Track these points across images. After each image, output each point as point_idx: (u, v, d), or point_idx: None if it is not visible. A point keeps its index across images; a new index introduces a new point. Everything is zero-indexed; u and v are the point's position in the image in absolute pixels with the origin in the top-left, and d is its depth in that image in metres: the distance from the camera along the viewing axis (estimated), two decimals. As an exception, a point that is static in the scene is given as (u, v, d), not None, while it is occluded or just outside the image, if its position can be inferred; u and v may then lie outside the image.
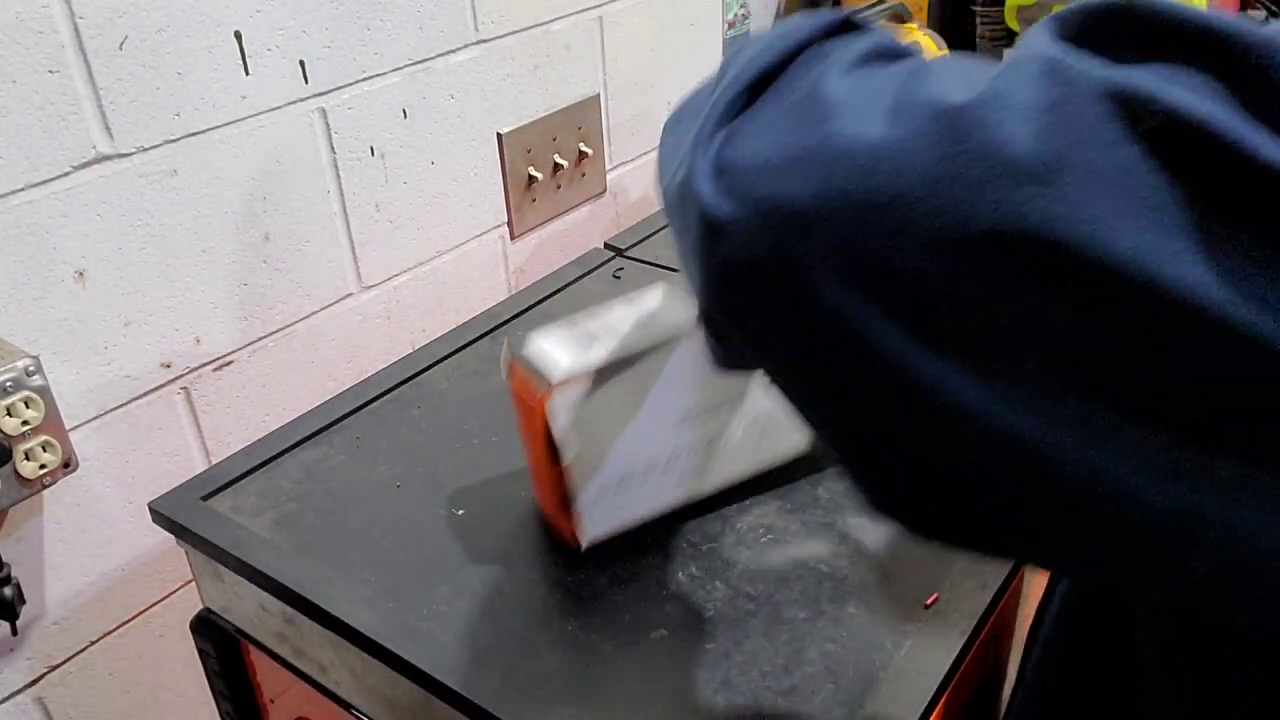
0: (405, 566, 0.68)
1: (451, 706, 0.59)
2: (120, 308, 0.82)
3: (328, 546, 0.70)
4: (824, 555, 0.68)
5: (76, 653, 0.87)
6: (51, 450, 0.75)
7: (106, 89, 0.77)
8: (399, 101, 0.99)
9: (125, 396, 0.85)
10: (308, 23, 0.89)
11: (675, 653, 0.60)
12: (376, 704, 0.68)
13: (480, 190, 1.11)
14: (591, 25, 1.19)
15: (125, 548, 0.88)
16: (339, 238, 0.98)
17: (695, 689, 0.58)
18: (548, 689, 0.58)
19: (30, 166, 0.74)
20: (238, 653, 0.80)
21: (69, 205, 0.77)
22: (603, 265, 1.09)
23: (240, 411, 0.94)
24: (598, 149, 1.24)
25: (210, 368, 0.90)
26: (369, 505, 0.74)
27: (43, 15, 0.72)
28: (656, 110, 1.35)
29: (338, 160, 0.95)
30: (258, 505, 0.75)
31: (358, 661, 0.66)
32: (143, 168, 0.81)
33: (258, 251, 0.91)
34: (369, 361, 1.01)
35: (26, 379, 0.73)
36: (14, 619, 0.78)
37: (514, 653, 0.61)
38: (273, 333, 0.95)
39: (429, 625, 0.63)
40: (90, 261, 0.80)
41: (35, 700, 0.85)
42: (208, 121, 0.84)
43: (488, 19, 1.05)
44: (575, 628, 0.62)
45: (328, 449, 0.81)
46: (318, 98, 0.92)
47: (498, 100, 1.10)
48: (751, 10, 1.48)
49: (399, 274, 1.05)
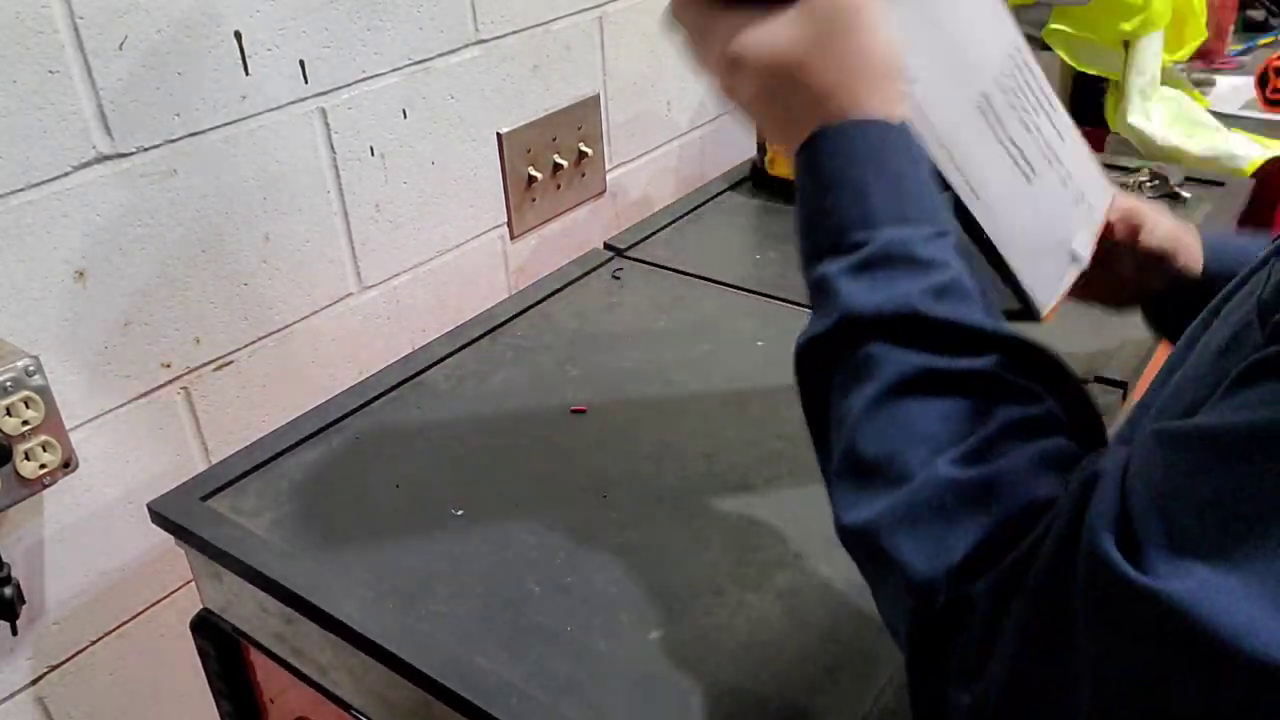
0: (405, 566, 0.68)
1: (451, 707, 0.59)
2: (120, 308, 0.82)
3: (328, 547, 0.70)
4: (823, 554, 0.68)
5: (76, 653, 0.87)
6: (51, 450, 0.75)
7: (106, 89, 0.77)
8: (399, 101, 0.99)
9: (125, 396, 0.85)
10: (308, 23, 0.89)
11: (675, 653, 0.60)
12: (376, 704, 0.68)
13: (480, 190, 1.11)
14: (591, 25, 1.19)
15: (125, 548, 0.88)
16: (339, 238, 0.98)
17: (695, 689, 0.58)
18: (548, 689, 0.58)
19: (30, 166, 0.74)
20: (238, 653, 0.80)
21: (69, 205, 0.77)
22: (602, 265, 1.09)
23: (240, 411, 0.94)
24: (597, 149, 1.24)
25: (210, 368, 0.90)
26: (369, 505, 0.74)
27: (43, 15, 0.72)
28: (656, 110, 1.35)
29: (338, 160, 0.95)
30: (258, 505, 0.75)
31: (357, 662, 0.66)
32: (143, 168, 0.81)
33: (258, 251, 0.91)
34: (369, 361, 1.01)
35: (26, 379, 0.73)
36: (14, 619, 0.78)
37: (513, 653, 0.61)
38: (273, 333, 0.95)
39: (429, 625, 0.63)
40: (90, 261, 0.80)
41: (35, 700, 0.85)
42: (208, 121, 0.84)
43: (488, 19, 1.05)
44: (575, 628, 0.62)
45: (328, 449, 0.81)
46: (318, 98, 0.92)
47: (498, 100, 1.10)
48: (752, 10, 1.48)
49: (399, 274, 1.05)
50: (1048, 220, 0.65)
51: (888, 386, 0.44)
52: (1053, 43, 1.40)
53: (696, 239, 1.14)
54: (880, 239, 0.47)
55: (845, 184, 0.48)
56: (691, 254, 1.10)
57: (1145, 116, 1.38)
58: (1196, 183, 1.16)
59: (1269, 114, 1.45)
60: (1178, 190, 1.12)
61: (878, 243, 0.47)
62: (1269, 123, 1.42)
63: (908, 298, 0.45)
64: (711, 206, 1.22)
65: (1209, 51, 1.60)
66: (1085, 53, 1.39)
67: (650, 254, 1.11)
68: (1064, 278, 0.67)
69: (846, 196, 0.48)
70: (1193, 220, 1.09)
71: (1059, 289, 0.66)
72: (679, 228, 1.17)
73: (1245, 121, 1.43)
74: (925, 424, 0.44)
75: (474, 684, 0.58)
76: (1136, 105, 1.38)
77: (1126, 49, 1.36)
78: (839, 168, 0.48)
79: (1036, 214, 0.65)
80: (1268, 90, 1.45)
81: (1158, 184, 1.12)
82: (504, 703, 0.57)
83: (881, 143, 0.48)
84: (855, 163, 0.48)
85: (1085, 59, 1.39)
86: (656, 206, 1.29)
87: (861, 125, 0.48)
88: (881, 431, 0.44)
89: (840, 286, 0.46)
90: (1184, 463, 0.35)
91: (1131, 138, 1.38)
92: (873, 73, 0.49)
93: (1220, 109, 1.47)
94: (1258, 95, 1.46)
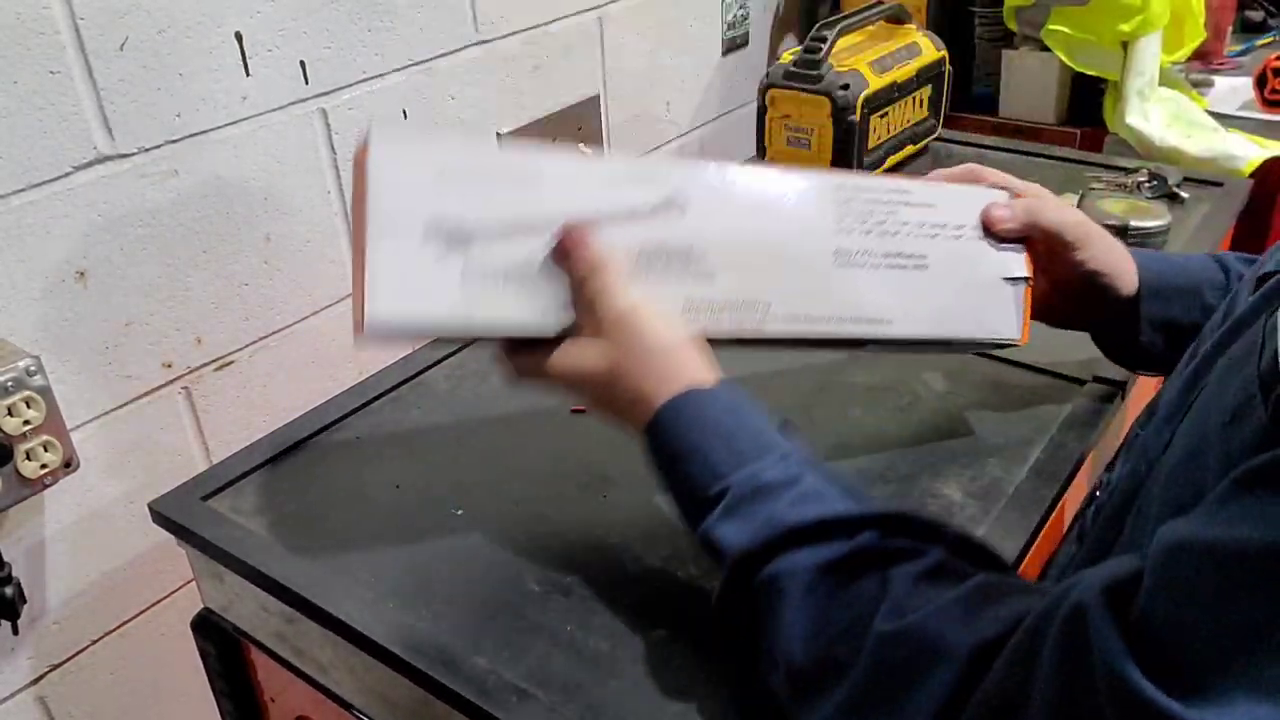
0: (405, 566, 0.68)
1: (451, 706, 0.59)
2: (121, 308, 0.83)
3: (328, 546, 0.70)
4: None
5: (77, 652, 0.87)
6: (52, 450, 0.75)
7: (107, 89, 0.77)
8: (399, 102, 0.99)
9: (126, 396, 0.85)
10: (308, 23, 0.89)
11: (675, 653, 0.60)
12: (376, 704, 0.69)
13: (480, 190, 1.12)
14: (591, 25, 1.19)
15: (125, 548, 0.88)
16: (339, 238, 0.98)
17: (695, 689, 0.58)
18: (548, 689, 0.58)
19: (31, 166, 0.74)
20: (238, 652, 0.80)
21: (69, 205, 0.77)
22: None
23: (240, 411, 0.94)
24: (597, 149, 1.25)
25: (211, 368, 0.91)
26: (369, 505, 0.74)
27: (43, 16, 0.72)
28: (656, 110, 1.35)
29: (338, 160, 0.95)
30: (258, 505, 0.75)
31: (358, 661, 0.66)
32: (143, 168, 0.81)
33: (258, 251, 0.91)
34: (369, 361, 1.01)
35: (27, 379, 0.73)
36: (14, 618, 0.79)
37: (514, 653, 0.61)
38: (273, 333, 0.95)
39: (429, 625, 0.63)
40: (91, 261, 0.80)
41: (36, 699, 0.85)
42: (208, 122, 0.84)
43: (488, 20, 1.06)
44: (575, 628, 0.62)
45: (328, 449, 0.82)
46: (318, 98, 0.92)
47: (498, 100, 1.10)
48: (751, 11, 1.48)
49: (399, 274, 1.05)
50: (967, 278, 0.69)
51: (798, 597, 0.49)
52: (1051, 43, 1.40)
53: (696, 239, 1.14)
54: (733, 484, 0.53)
55: (687, 454, 0.55)
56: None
57: (1143, 117, 1.38)
58: (1195, 183, 1.16)
59: (1267, 114, 1.45)
60: (1176, 190, 1.12)
61: (733, 489, 0.53)
62: (1267, 123, 1.43)
63: (777, 518, 0.51)
64: (711, 207, 1.22)
65: (1207, 52, 1.60)
66: (1084, 53, 1.39)
67: (650, 254, 1.11)
68: (1018, 301, 0.70)
69: (695, 464, 0.54)
70: (1191, 221, 1.09)
71: (1019, 313, 0.69)
72: (678, 228, 1.17)
73: (1243, 122, 1.43)
74: (840, 614, 0.48)
75: (474, 684, 0.58)
76: (1135, 106, 1.38)
77: (1125, 50, 1.36)
78: (677, 443, 0.55)
79: (951, 283, 0.68)
80: (1266, 91, 1.45)
81: (1156, 184, 1.13)
82: (504, 703, 0.57)
83: (701, 409, 0.55)
84: (689, 433, 0.55)
85: (1084, 59, 1.39)
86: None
87: (678, 402, 0.56)
88: (808, 638, 0.48)
89: (719, 536, 0.53)
90: (1209, 585, 0.35)
91: (1130, 138, 1.38)
92: (669, 357, 0.57)
93: (1218, 109, 1.47)
94: (1256, 96, 1.47)
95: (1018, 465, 0.73)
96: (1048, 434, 0.76)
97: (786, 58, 1.16)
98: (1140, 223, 0.98)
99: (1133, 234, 0.98)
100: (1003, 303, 0.69)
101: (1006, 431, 0.77)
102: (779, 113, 1.16)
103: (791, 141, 1.16)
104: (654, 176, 0.62)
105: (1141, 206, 1.01)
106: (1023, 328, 0.70)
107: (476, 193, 0.58)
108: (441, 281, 0.57)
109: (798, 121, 1.15)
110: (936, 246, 0.68)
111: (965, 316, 0.69)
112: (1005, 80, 1.50)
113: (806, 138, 1.15)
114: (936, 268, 0.68)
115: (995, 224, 0.68)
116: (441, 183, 0.57)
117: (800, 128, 1.15)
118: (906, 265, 0.67)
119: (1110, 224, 0.98)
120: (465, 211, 0.57)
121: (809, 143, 1.15)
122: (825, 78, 1.12)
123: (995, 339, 0.70)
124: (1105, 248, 0.71)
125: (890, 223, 0.67)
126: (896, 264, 0.66)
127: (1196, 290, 0.72)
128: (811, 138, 1.14)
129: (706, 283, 0.62)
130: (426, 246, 0.57)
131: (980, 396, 0.82)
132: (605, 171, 0.62)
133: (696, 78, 1.41)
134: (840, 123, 1.12)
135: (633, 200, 0.61)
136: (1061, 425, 0.77)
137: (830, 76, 1.12)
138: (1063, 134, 1.47)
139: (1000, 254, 0.69)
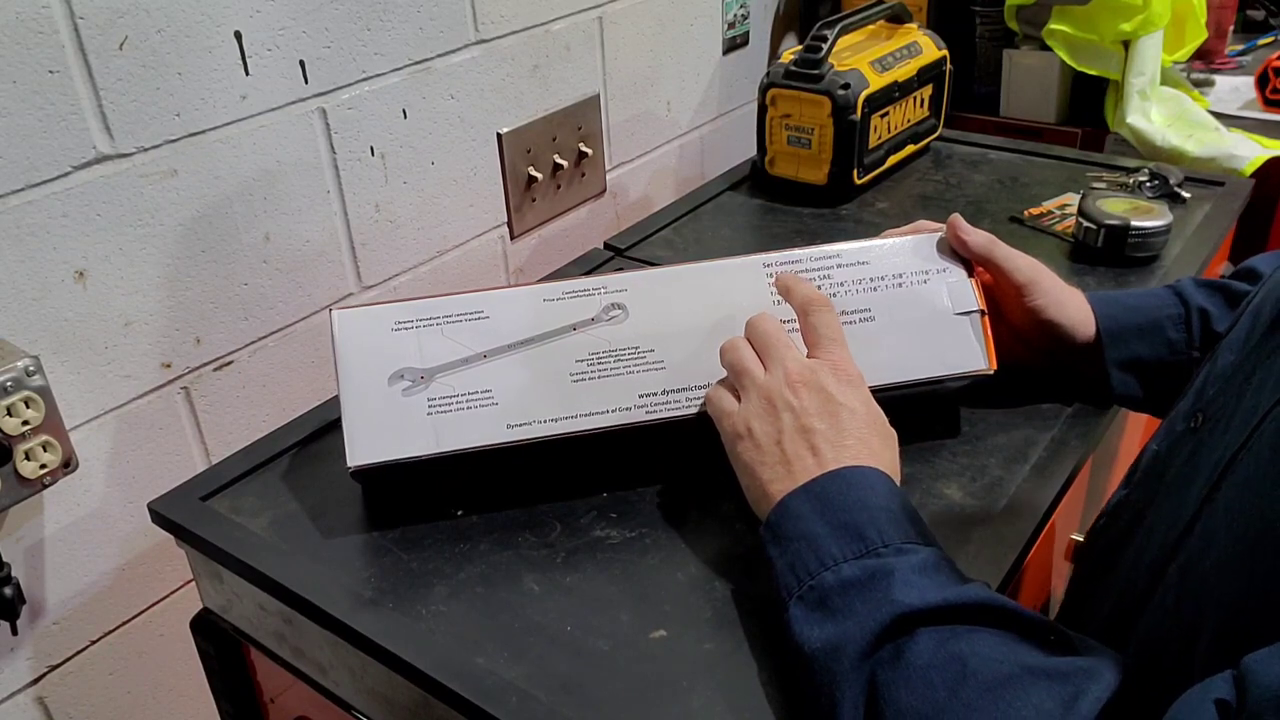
0: (405, 566, 0.68)
1: (451, 706, 0.59)
2: (120, 308, 0.82)
3: (328, 546, 0.70)
4: (823, 555, 0.68)
5: (76, 652, 0.87)
6: (52, 450, 0.75)
7: (106, 89, 0.77)
8: (399, 102, 0.99)
9: (125, 396, 0.85)
10: (308, 23, 0.89)
11: (675, 653, 0.60)
12: (376, 704, 0.68)
13: (480, 190, 1.12)
14: (591, 25, 1.19)
15: (125, 548, 0.88)
16: (339, 238, 0.98)
17: (695, 689, 0.58)
18: (548, 689, 0.58)
19: (30, 166, 0.74)
20: (238, 653, 0.80)
21: (69, 205, 0.77)
22: (602, 265, 1.09)
23: (240, 411, 0.94)
24: (597, 149, 1.25)
25: (210, 368, 0.91)
26: (369, 505, 0.74)
27: (43, 15, 0.72)
28: (656, 110, 1.35)
29: (338, 160, 0.95)
30: (258, 505, 0.75)
31: (357, 661, 0.66)
32: (143, 168, 0.81)
33: (258, 251, 0.91)
34: (369, 361, 1.01)
35: (27, 379, 0.73)
36: (14, 619, 0.79)
37: (513, 653, 0.61)
38: (273, 333, 0.95)
39: (429, 625, 0.63)
40: (90, 261, 0.80)
41: (35, 700, 0.85)
42: (208, 122, 0.84)
43: (488, 19, 1.06)
44: (575, 627, 0.62)
45: (328, 449, 0.81)
46: (318, 98, 0.92)
47: (497, 100, 1.10)
48: (751, 10, 1.48)
49: (399, 274, 1.05)
50: (918, 320, 0.71)
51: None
52: (1052, 43, 1.40)
53: (696, 239, 1.14)
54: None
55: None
56: (691, 254, 1.10)
57: (1145, 116, 1.38)
58: (1196, 183, 1.16)
59: (1268, 114, 1.45)
60: (1177, 190, 1.12)
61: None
62: (1268, 123, 1.42)
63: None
64: (711, 206, 1.22)
65: (1208, 51, 1.60)
66: (1085, 53, 1.39)
67: (650, 254, 1.11)
68: (975, 332, 0.71)
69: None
70: (1192, 220, 1.09)
71: (980, 343, 0.71)
72: (679, 228, 1.17)
73: (1245, 122, 1.43)
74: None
75: (474, 684, 0.58)
76: (1136, 105, 1.38)
77: (1126, 49, 1.36)
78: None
79: (904, 329, 0.71)
80: (1267, 90, 1.45)
81: (1157, 184, 1.12)
82: (504, 703, 0.57)
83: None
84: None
85: (1085, 59, 1.39)
86: (656, 206, 1.29)
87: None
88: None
89: (897, 583, 0.51)
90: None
91: (1131, 138, 1.38)
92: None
93: (1220, 109, 1.47)
94: (1257, 95, 1.46)
95: (1018, 465, 0.73)
96: (1048, 434, 0.76)
97: (787, 57, 1.16)
98: (1141, 222, 0.98)
99: (1134, 234, 0.97)
100: (961, 337, 0.71)
101: (1006, 431, 0.77)
102: (779, 112, 1.16)
103: (792, 141, 1.16)
104: (592, 288, 0.71)
105: (1143, 206, 1.01)
106: (988, 357, 0.70)
107: (430, 334, 0.69)
108: (410, 419, 0.67)
109: (798, 121, 1.15)
110: (879, 298, 0.71)
111: (926, 358, 0.70)
112: (1006, 80, 1.50)
113: (807, 137, 1.15)
114: (883, 317, 0.70)
115: (961, 233, 0.72)
116: (399, 333, 0.69)
117: (801, 127, 1.15)
118: (854, 320, 0.70)
119: (1111, 224, 0.98)
120: (422, 352, 0.68)
121: (809, 142, 1.15)
122: (826, 77, 1.12)
123: (963, 373, 0.71)
124: (1057, 293, 0.73)
125: (826, 286, 0.71)
126: (843, 322, 0.68)
127: (1156, 327, 0.74)
128: (812, 137, 1.14)
129: (657, 372, 0.69)
130: (393, 390, 0.67)
131: (980, 396, 0.81)
132: (545, 292, 0.71)
133: (696, 77, 1.41)
134: (841, 122, 1.12)
135: (577, 312, 0.70)
136: (1063, 425, 0.77)
137: (831, 76, 1.12)
138: (1064, 133, 1.47)
139: (948, 290, 0.71)
